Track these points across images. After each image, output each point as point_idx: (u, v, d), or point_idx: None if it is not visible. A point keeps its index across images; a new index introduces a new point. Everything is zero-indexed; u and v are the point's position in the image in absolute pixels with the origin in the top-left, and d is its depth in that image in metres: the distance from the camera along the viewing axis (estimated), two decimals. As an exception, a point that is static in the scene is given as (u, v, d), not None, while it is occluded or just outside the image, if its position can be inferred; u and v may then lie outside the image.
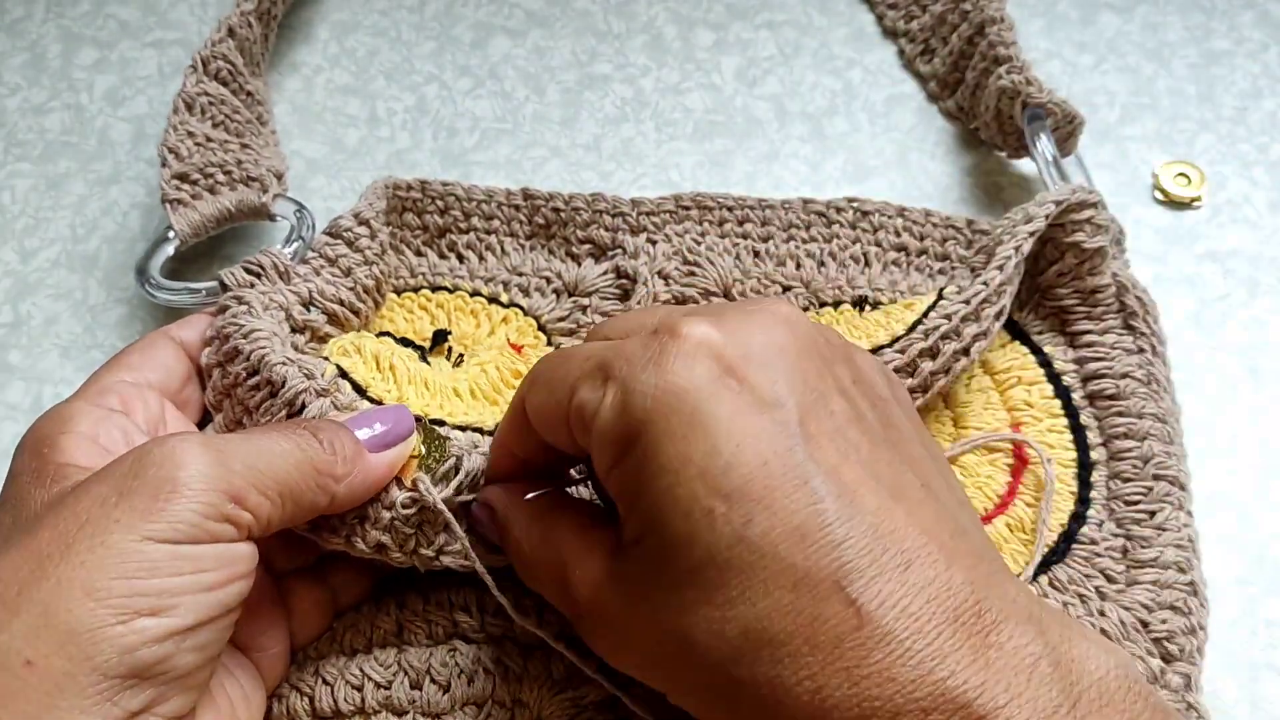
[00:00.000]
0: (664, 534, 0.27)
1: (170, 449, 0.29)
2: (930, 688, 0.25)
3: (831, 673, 0.25)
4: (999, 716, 0.24)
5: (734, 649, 0.26)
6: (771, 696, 0.26)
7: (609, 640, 0.30)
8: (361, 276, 0.42)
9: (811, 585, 0.25)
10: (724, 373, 0.27)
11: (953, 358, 0.39)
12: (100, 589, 0.27)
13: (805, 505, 0.26)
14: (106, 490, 0.28)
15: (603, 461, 0.29)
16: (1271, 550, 0.42)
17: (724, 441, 0.26)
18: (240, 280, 0.39)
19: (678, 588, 0.27)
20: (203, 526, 0.29)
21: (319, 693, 0.35)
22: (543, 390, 0.31)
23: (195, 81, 0.46)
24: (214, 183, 0.45)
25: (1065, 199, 0.41)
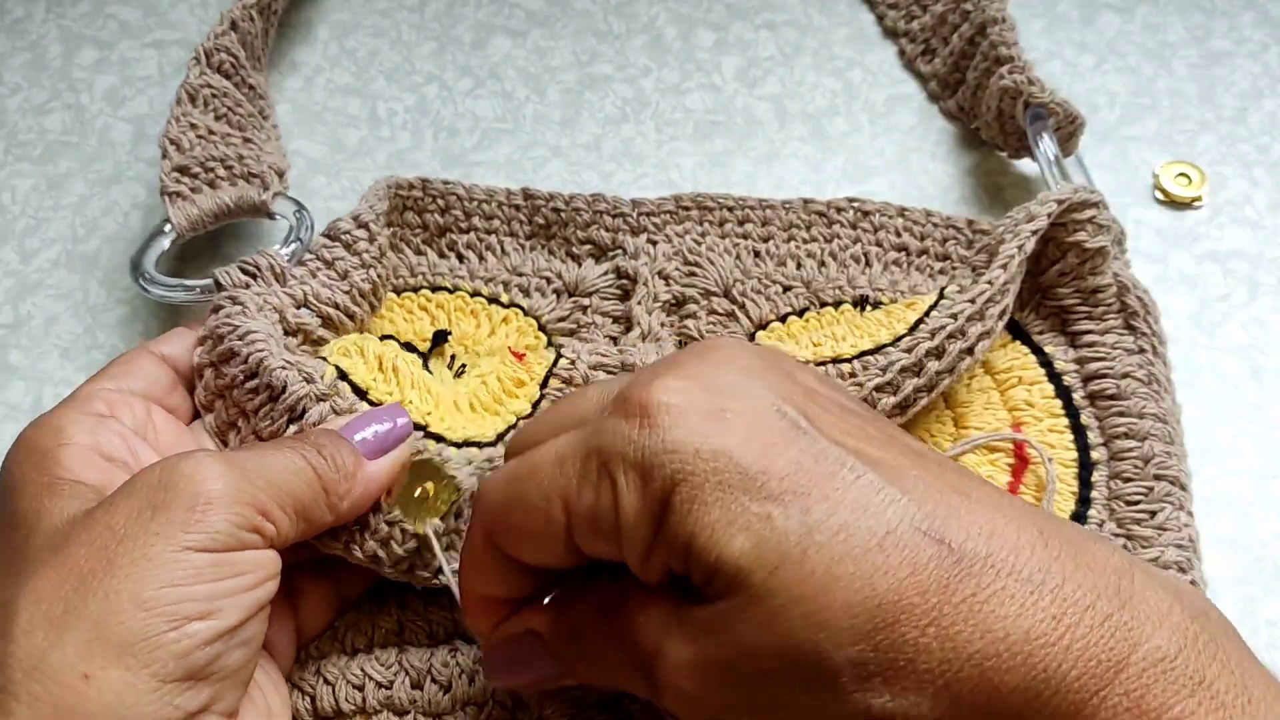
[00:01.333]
0: (730, 560, 0.26)
1: (195, 465, 0.30)
2: (1051, 595, 0.25)
3: (951, 610, 0.25)
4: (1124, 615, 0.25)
5: (848, 630, 0.25)
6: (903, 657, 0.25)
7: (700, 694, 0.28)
8: (358, 280, 0.42)
9: (895, 540, 0.26)
10: (714, 410, 0.27)
11: (958, 357, 0.39)
12: (149, 599, 0.28)
13: (852, 482, 0.27)
14: (138, 505, 0.30)
15: (640, 542, 0.28)
16: (1271, 550, 0.42)
17: (751, 462, 0.27)
18: (235, 280, 0.39)
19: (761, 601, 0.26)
20: (236, 535, 0.30)
21: (320, 692, 0.35)
22: (520, 514, 0.29)
23: (199, 73, 0.46)
24: (214, 177, 0.44)
25: (1067, 198, 0.41)
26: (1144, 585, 0.26)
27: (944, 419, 0.41)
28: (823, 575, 0.26)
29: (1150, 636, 0.25)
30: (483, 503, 0.31)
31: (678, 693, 0.28)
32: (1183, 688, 0.24)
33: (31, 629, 0.28)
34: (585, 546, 0.29)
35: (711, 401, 0.28)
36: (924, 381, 0.39)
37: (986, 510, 0.27)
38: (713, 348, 0.30)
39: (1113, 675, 0.24)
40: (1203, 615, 0.26)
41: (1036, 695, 0.25)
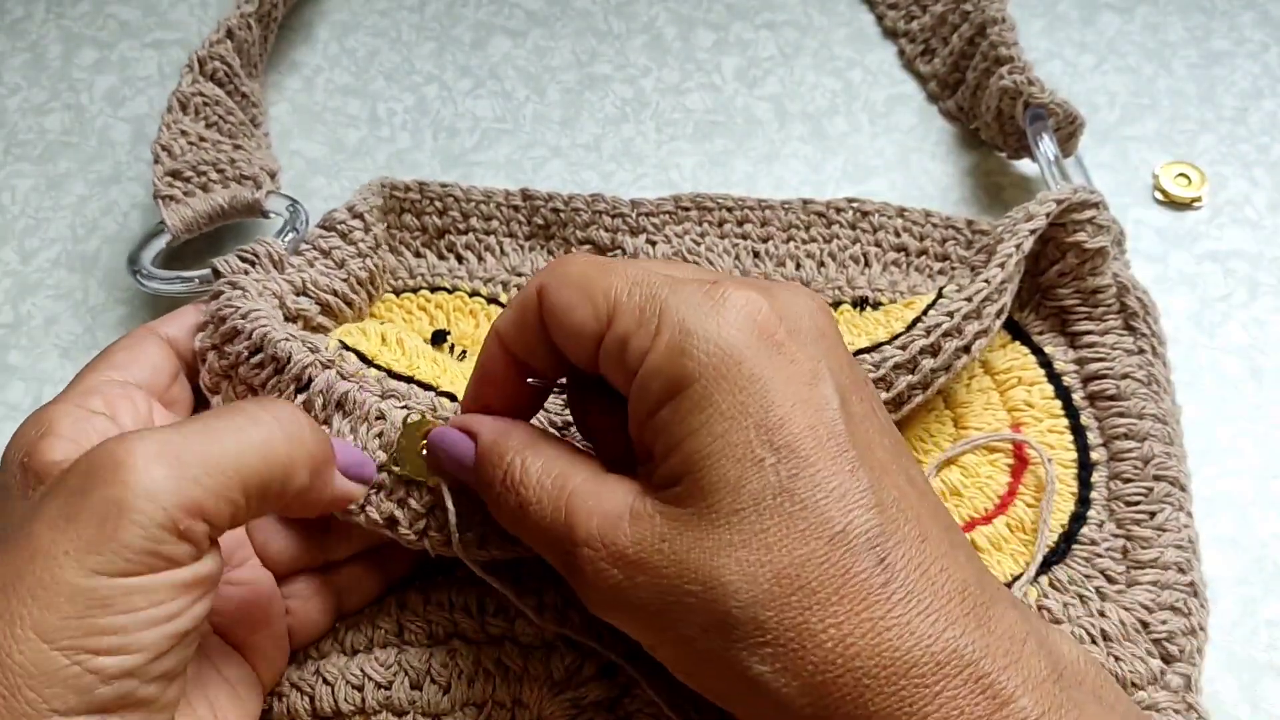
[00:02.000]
0: (710, 476, 0.28)
1: (119, 459, 0.27)
2: (944, 644, 0.27)
3: (857, 622, 0.27)
4: (1001, 677, 0.27)
5: (765, 592, 0.27)
6: (795, 641, 0.27)
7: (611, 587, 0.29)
8: (355, 268, 0.42)
9: (847, 541, 0.27)
10: (776, 343, 0.29)
11: (954, 355, 0.39)
12: (51, 629, 0.26)
13: (845, 471, 0.28)
14: (55, 511, 0.27)
15: (646, 401, 0.29)
16: (1271, 551, 0.42)
17: (778, 401, 0.28)
18: (234, 267, 0.39)
19: (715, 529, 0.27)
20: (155, 552, 0.27)
21: (319, 692, 0.35)
22: (576, 294, 0.30)
23: (190, 81, 0.46)
24: (207, 180, 0.45)
25: (1067, 198, 0.41)
26: (1032, 651, 0.28)
27: (944, 419, 0.41)
28: (773, 537, 0.27)
29: (1019, 698, 0.27)
30: (557, 263, 0.31)
31: (599, 578, 0.29)
32: None
33: None
34: (604, 365, 0.30)
35: (778, 333, 0.29)
36: (918, 379, 0.38)
37: (933, 552, 0.28)
38: (805, 294, 0.31)
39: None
40: (1076, 680, 0.28)
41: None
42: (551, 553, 0.31)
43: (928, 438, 0.41)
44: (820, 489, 0.28)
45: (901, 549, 0.28)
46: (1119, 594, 0.37)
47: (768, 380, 0.28)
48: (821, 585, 0.27)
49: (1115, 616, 0.36)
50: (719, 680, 0.28)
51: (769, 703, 0.27)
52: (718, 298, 0.29)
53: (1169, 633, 0.36)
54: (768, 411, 0.28)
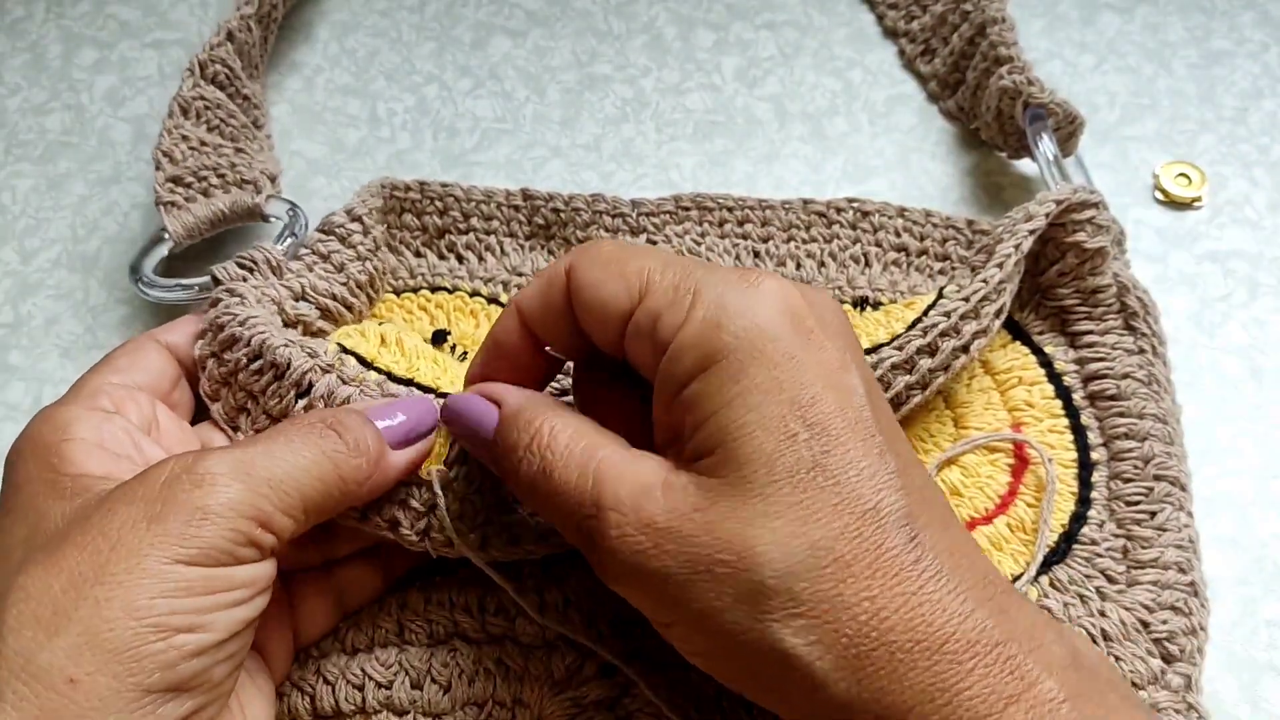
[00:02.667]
0: (746, 447, 0.28)
1: (200, 475, 0.30)
2: (974, 623, 0.27)
3: (890, 596, 0.27)
4: (1026, 660, 0.27)
5: (800, 562, 0.27)
6: (830, 613, 0.27)
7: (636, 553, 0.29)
8: (355, 272, 0.42)
9: (878, 517, 0.28)
10: (807, 329, 0.29)
11: (951, 355, 0.39)
12: (140, 608, 0.28)
13: (874, 453, 0.28)
14: (136, 514, 0.29)
15: (677, 374, 0.29)
16: (1272, 551, 0.42)
17: (810, 381, 0.28)
18: (233, 274, 0.39)
19: (750, 499, 0.28)
20: (230, 551, 0.30)
21: (320, 692, 0.35)
22: (608, 272, 0.31)
23: (191, 85, 0.46)
24: (208, 185, 0.45)
25: (1066, 198, 0.41)
26: (1052, 640, 0.28)
27: (944, 419, 0.41)
28: (807, 510, 0.27)
29: (1044, 681, 0.27)
30: (589, 244, 0.32)
31: (625, 544, 0.28)
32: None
33: (19, 628, 0.28)
34: (631, 342, 0.30)
35: (809, 320, 0.29)
36: (916, 379, 0.38)
37: (956, 540, 0.29)
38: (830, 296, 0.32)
39: (1005, 706, 0.26)
40: (1094, 673, 0.29)
41: (931, 700, 0.26)
42: (570, 519, 0.30)
43: (928, 437, 0.41)
44: (852, 467, 0.28)
45: (929, 531, 0.28)
46: (1119, 594, 0.37)
47: (800, 360, 0.29)
48: (856, 558, 0.27)
49: (1115, 616, 0.36)
50: (743, 657, 0.28)
51: (799, 678, 0.27)
52: (752, 281, 0.30)
53: (1169, 632, 0.36)
54: (801, 389, 0.28)
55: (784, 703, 0.28)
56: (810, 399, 0.28)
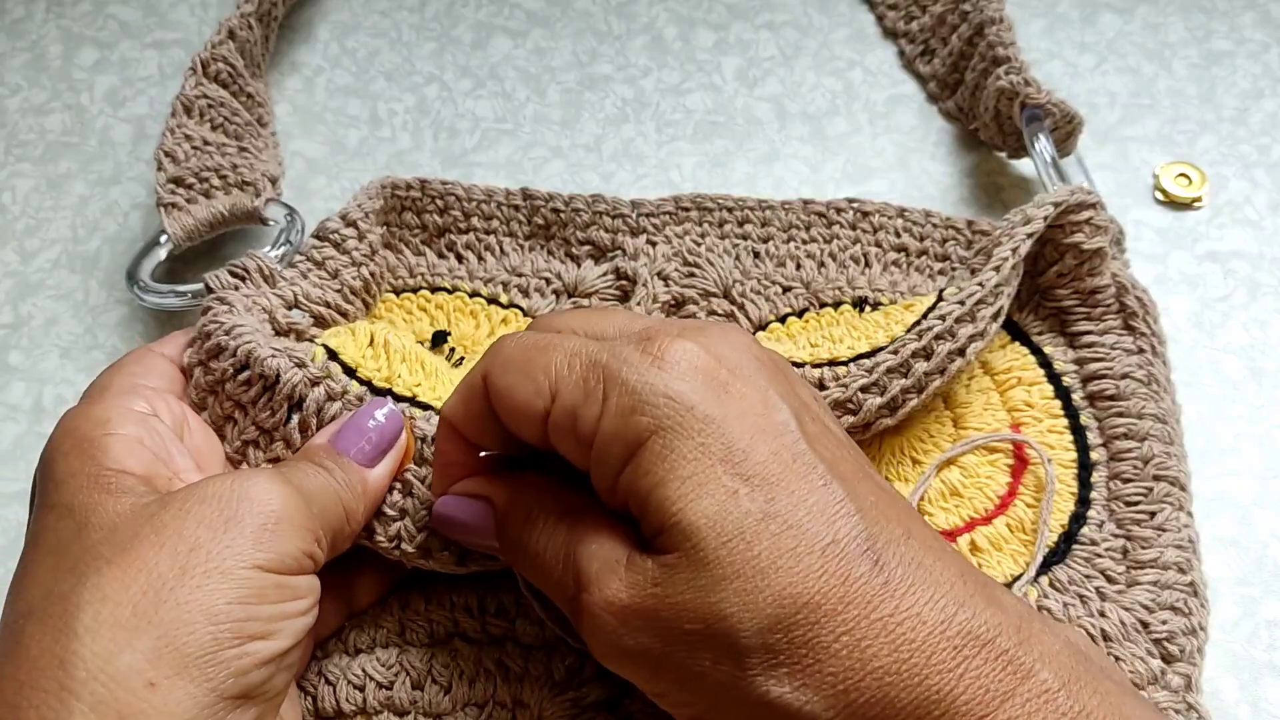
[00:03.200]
0: (688, 517, 0.28)
1: (265, 487, 0.31)
2: (957, 626, 0.27)
3: (867, 625, 0.27)
4: (1018, 652, 0.27)
5: (769, 616, 0.27)
6: (809, 656, 0.27)
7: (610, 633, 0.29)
8: (349, 279, 0.42)
9: (838, 550, 0.28)
10: (721, 383, 0.29)
11: (947, 359, 0.39)
12: (219, 613, 0.28)
13: (818, 486, 0.28)
14: (211, 514, 0.30)
15: (607, 465, 0.29)
16: (1272, 551, 0.42)
17: (737, 436, 0.28)
18: (225, 283, 0.39)
19: (706, 567, 0.28)
20: (299, 560, 0.30)
21: (321, 692, 0.35)
22: (518, 377, 0.31)
23: (194, 84, 0.46)
24: (209, 187, 0.45)
25: (1064, 200, 0.41)
26: (1040, 629, 0.28)
27: (943, 420, 0.41)
28: (765, 561, 0.27)
29: (1039, 672, 0.27)
30: (497, 348, 0.32)
31: (598, 625, 0.29)
32: (1063, 716, 0.27)
33: (97, 628, 0.27)
34: (555, 439, 0.30)
35: (721, 374, 0.29)
36: (911, 383, 0.38)
37: (921, 547, 0.29)
38: (735, 331, 0.32)
39: (999, 703, 0.26)
40: (1086, 659, 0.29)
41: (927, 714, 0.26)
42: (563, 601, 0.31)
43: (927, 438, 0.41)
44: (800, 507, 0.28)
45: (892, 548, 0.28)
46: (1119, 594, 0.37)
47: (722, 419, 0.28)
48: (825, 598, 0.27)
49: (1115, 617, 0.36)
50: (738, 713, 0.28)
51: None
52: (655, 353, 0.29)
53: (1169, 633, 0.36)
54: (730, 447, 0.28)
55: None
56: (742, 453, 0.28)
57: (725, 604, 0.27)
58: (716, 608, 0.27)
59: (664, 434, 0.28)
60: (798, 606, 0.27)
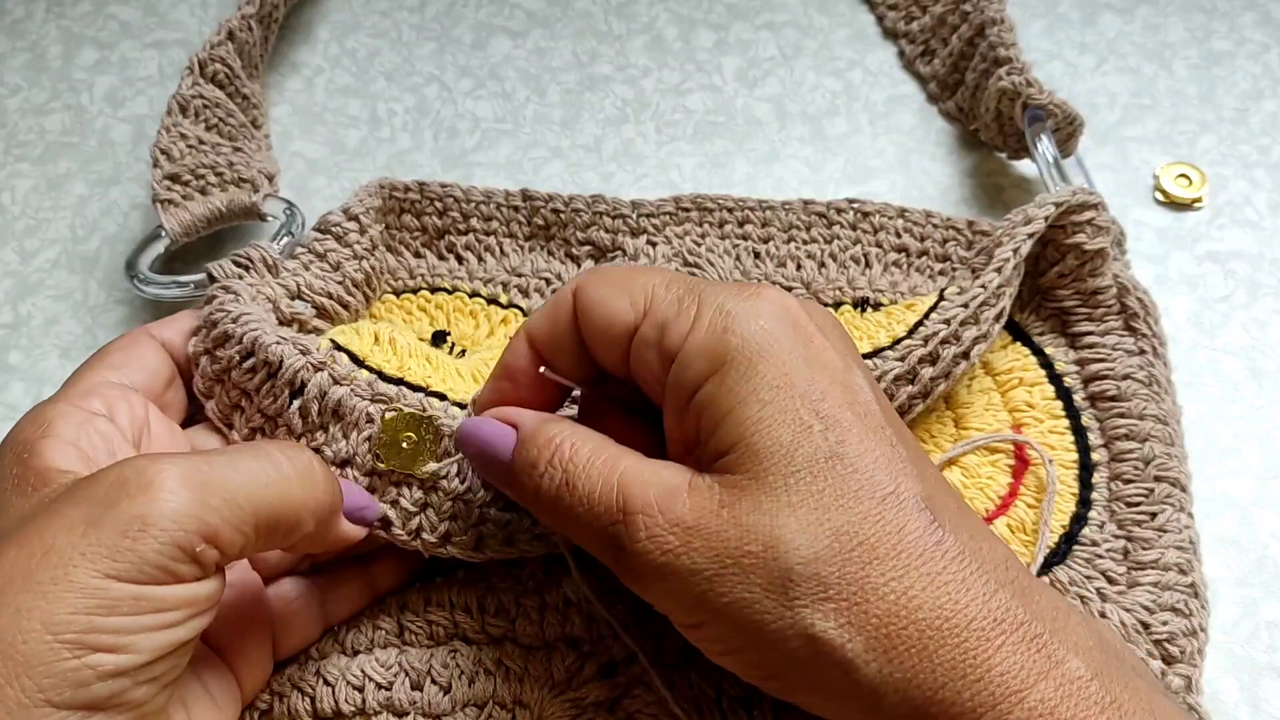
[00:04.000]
0: (763, 440, 0.29)
1: (150, 479, 0.28)
2: (999, 603, 0.28)
3: (916, 576, 0.28)
4: (1051, 640, 0.28)
5: (825, 548, 0.28)
6: (858, 595, 0.28)
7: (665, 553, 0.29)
8: (351, 271, 0.42)
9: (898, 501, 0.29)
10: (808, 335, 0.30)
11: (952, 362, 0.39)
12: (58, 623, 0.27)
13: (885, 444, 0.29)
14: (76, 516, 0.28)
15: (687, 379, 0.30)
16: (1272, 552, 0.42)
17: (818, 376, 0.30)
18: (228, 272, 0.39)
19: (773, 491, 0.28)
20: (167, 568, 0.28)
21: (320, 693, 0.35)
22: (614, 289, 0.32)
23: (191, 84, 0.46)
24: (205, 184, 0.45)
25: (1065, 200, 0.41)
26: (1075, 623, 0.29)
27: (945, 420, 0.41)
28: (829, 497, 0.28)
29: (1070, 659, 0.28)
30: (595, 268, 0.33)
31: (656, 546, 0.29)
32: (1094, 705, 0.27)
33: None
34: (637, 355, 0.31)
35: (809, 327, 0.31)
36: (918, 389, 0.39)
37: (973, 524, 0.30)
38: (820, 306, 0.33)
39: (1034, 681, 0.27)
40: (1118, 656, 0.29)
41: (963, 675, 0.27)
42: (595, 528, 0.30)
43: (929, 439, 0.41)
44: (867, 454, 0.29)
45: (947, 515, 0.29)
46: (1120, 595, 0.37)
47: (806, 360, 0.30)
48: (880, 541, 0.28)
49: (1116, 617, 0.36)
50: (773, 648, 0.28)
51: (830, 663, 0.28)
52: (752, 292, 0.31)
53: (1170, 634, 0.36)
54: (809, 385, 0.29)
55: (815, 691, 0.29)
56: (820, 393, 0.29)
57: (785, 530, 0.28)
58: (777, 533, 0.28)
59: (751, 357, 0.29)
60: (853, 544, 0.28)
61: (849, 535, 0.28)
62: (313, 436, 0.36)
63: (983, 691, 0.27)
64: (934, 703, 0.27)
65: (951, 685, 0.27)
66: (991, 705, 0.27)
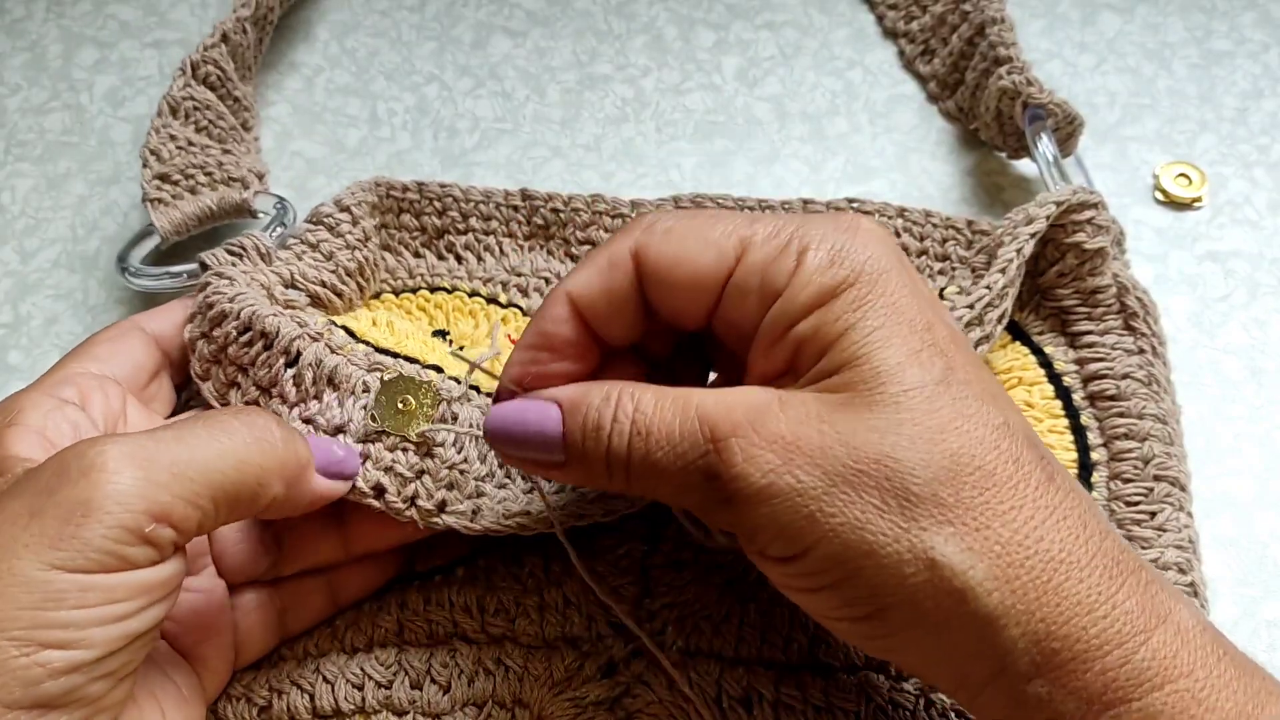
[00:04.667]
0: (874, 360, 0.27)
1: (90, 461, 0.27)
2: (1113, 544, 0.27)
3: (1035, 507, 0.27)
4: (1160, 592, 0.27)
5: (943, 469, 0.26)
6: (981, 519, 0.26)
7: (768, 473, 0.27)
8: (344, 260, 0.42)
9: (1010, 431, 0.28)
10: (909, 266, 0.30)
11: None
12: (4, 619, 0.25)
13: (989, 379, 0.29)
14: (19, 507, 0.27)
15: (788, 314, 0.28)
16: (1272, 551, 0.42)
17: (923, 308, 0.29)
18: (222, 260, 0.40)
19: (883, 409, 0.27)
20: (116, 553, 0.27)
21: (319, 690, 0.35)
22: (694, 242, 0.29)
23: (182, 85, 0.47)
24: (195, 183, 0.45)
25: (1066, 200, 0.41)
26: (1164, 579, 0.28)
27: (944, 419, 0.41)
28: (944, 418, 0.27)
29: (1179, 609, 0.27)
30: (648, 222, 0.30)
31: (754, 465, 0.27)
32: (1211, 654, 0.26)
33: None
34: (731, 302, 0.29)
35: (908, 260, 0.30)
36: None
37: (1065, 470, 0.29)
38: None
39: (1155, 625, 0.26)
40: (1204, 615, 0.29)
41: (1090, 610, 0.26)
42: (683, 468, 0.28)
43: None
44: (975, 384, 0.28)
45: (1050, 455, 0.28)
46: (1119, 594, 0.37)
47: (912, 291, 0.29)
48: (998, 469, 0.27)
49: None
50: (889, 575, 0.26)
51: (946, 591, 0.26)
52: (850, 222, 0.30)
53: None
54: (918, 314, 0.28)
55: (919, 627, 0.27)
56: (927, 323, 0.28)
57: (899, 448, 0.26)
58: (890, 450, 0.26)
59: (861, 286, 0.28)
60: (972, 468, 0.26)
61: (968, 459, 0.26)
62: (306, 405, 0.36)
63: (1110, 628, 0.26)
64: (1057, 637, 0.26)
65: (1078, 620, 0.26)
66: (1119, 644, 0.26)
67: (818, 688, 0.35)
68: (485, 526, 0.35)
